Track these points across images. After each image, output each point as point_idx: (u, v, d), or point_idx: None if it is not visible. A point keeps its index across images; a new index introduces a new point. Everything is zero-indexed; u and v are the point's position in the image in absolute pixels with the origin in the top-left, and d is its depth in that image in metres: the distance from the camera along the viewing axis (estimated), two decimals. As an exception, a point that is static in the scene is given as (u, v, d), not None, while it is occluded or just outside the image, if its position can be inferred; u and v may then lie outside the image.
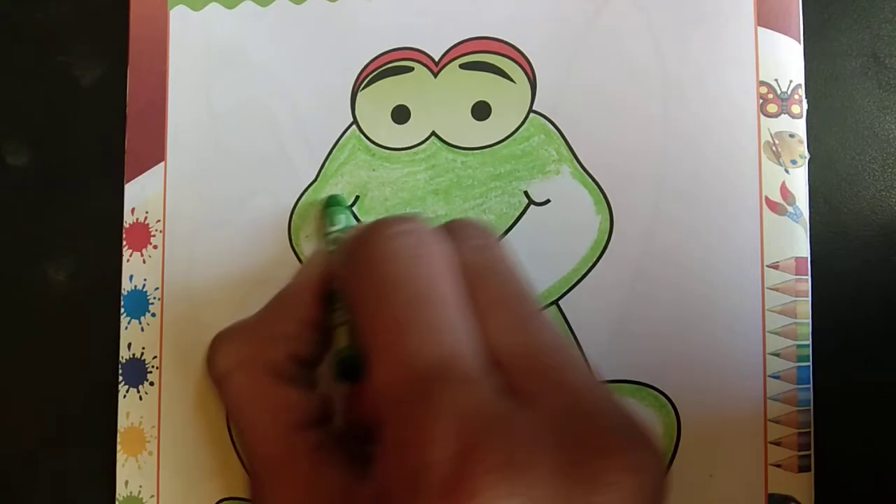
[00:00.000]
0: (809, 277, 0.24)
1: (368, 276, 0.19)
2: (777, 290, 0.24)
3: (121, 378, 0.27)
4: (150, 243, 0.28)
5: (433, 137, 0.26)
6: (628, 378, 0.24)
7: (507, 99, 0.26)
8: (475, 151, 0.26)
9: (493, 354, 0.18)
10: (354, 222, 0.26)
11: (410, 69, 0.26)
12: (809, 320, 0.24)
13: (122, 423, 0.27)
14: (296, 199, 0.27)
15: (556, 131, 0.25)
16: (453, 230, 0.20)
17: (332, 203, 0.26)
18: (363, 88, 0.27)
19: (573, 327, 0.25)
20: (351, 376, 0.22)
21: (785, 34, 0.24)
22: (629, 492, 0.15)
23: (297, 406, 0.20)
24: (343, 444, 0.20)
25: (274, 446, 0.20)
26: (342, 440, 0.21)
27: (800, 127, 0.24)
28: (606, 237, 0.25)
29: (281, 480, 0.19)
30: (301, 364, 0.21)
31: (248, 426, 0.20)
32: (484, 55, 0.26)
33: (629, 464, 0.16)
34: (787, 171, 0.24)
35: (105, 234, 0.28)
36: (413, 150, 0.26)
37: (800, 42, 0.24)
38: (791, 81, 0.24)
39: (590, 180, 0.25)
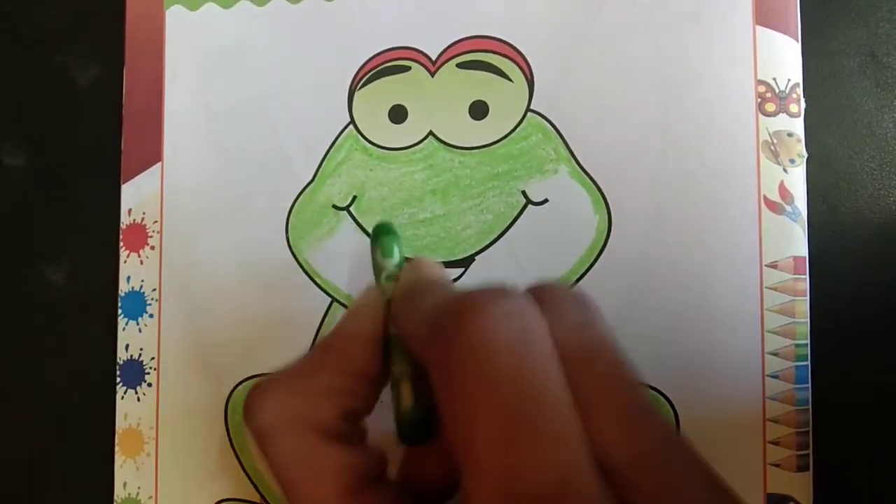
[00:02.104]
0: (808, 276, 0.24)
1: (464, 367, 0.15)
2: (776, 289, 0.24)
3: (119, 379, 0.27)
4: (148, 244, 0.28)
5: (430, 137, 0.26)
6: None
7: (505, 98, 0.26)
8: (473, 151, 0.26)
9: (605, 461, 0.15)
10: (404, 253, 0.22)
11: (408, 68, 0.26)
12: (808, 319, 0.24)
13: (121, 424, 0.27)
14: (293, 199, 0.27)
15: (553, 131, 0.25)
16: (545, 300, 0.17)
17: (383, 232, 0.22)
18: (360, 88, 0.27)
19: (571, 327, 0.25)
20: (417, 440, 0.19)
21: (783, 33, 0.24)
22: None
23: (351, 468, 0.18)
24: (401, 500, 0.19)
25: None
26: (399, 496, 0.19)
27: (798, 126, 0.24)
28: (604, 237, 0.25)
29: None
30: (353, 420, 0.19)
31: (300, 491, 0.18)
32: (481, 54, 0.26)
33: None
34: (785, 171, 0.24)
35: (102, 234, 0.28)
36: (410, 149, 0.26)
37: (798, 41, 0.24)
38: (789, 80, 0.24)
39: (588, 180, 0.25)
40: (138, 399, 0.27)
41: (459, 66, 0.26)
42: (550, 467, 0.15)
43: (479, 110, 0.26)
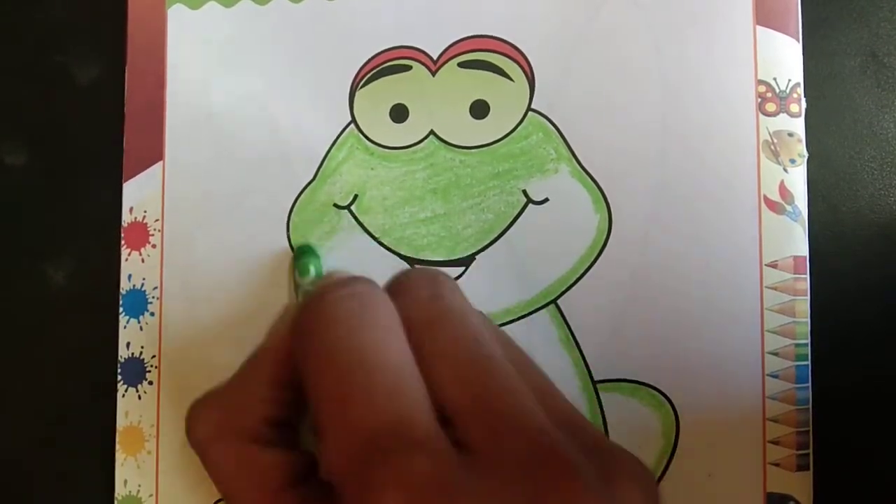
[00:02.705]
0: (808, 276, 0.24)
1: (312, 343, 0.18)
2: (776, 288, 0.24)
3: (119, 377, 0.27)
4: (149, 242, 0.28)
5: (431, 136, 0.26)
6: (627, 377, 0.24)
7: (506, 97, 0.26)
8: (474, 150, 0.26)
9: (443, 409, 0.17)
10: (321, 273, 0.25)
11: (409, 68, 0.26)
12: (808, 319, 0.24)
13: (121, 422, 0.27)
14: (294, 199, 0.27)
15: (554, 130, 0.25)
16: (401, 285, 0.20)
17: (302, 253, 0.25)
18: (361, 87, 0.27)
19: (571, 326, 0.25)
20: None
21: (784, 33, 0.24)
22: None
23: (276, 468, 0.20)
24: (331, 497, 0.20)
25: None
26: (326, 497, 0.20)
27: (798, 126, 0.24)
28: (605, 236, 0.25)
29: None
30: (279, 425, 0.21)
31: (231, 494, 0.20)
32: (482, 54, 0.26)
33: (588, 490, 0.15)
34: (785, 170, 0.24)
35: (103, 233, 0.28)
36: (411, 148, 0.26)
37: (798, 41, 0.24)
38: (790, 80, 0.24)
39: (588, 179, 0.25)
40: (139, 397, 0.27)
41: (460, 65, 0.26)
42: (379, 416, 0.16)
43: (480, 109, 0.26)
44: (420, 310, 0.19)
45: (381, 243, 0.26)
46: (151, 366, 0.27)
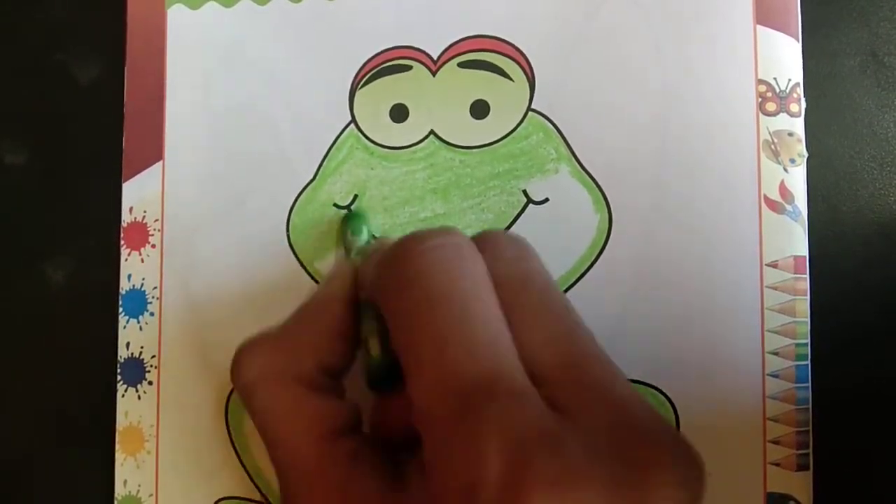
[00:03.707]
0: (808, 276, 0.24)
1: (406, 292, 0.18)
2: (776, 288, 0.24)
3: (119, 377, 0.27)
4: (149, 242, 0.28)
5: (432, 136, 0.26)
6: (627, 377, 0.24)
7: (506, 97, 0.26)
8: (474, 150, 0.26)
9: (533, 370, 0.17)
10: (375, 235, 0.26)
11: (409, 68, 0.26)
12: (808, 319, 0.24)
13: (121, 422, 0.27)
14: (294, 198, 0.27)
15: (554, 130, 0.25)
16: (486, 242, 0.20)
17: (353, 214, 0.26)
18: (361, 87, 0.27)
19: (572, 326, 0.25)
20: (383, 386, 0.21)
21: (784, 32, 0.24)
22: None
23: (329, 415, 0.20)
24: (377, 452, 0.20)
25: (308, 457, 0.19)
26: (376, 448, 0.20)
27: (798, 125, 0.24)
28: (605, 236, 0.25)
29: (317, 491, 0.19)
30: (330, 374, 0.21)
31: (281, 438, 0.20)
32: (482, 53, 0.26)
33: (679, 479, 0.16)
34: (785, 170, 0.24)
35: (103, 233, 0.28)
36: (412, 148, 0.26)
37: (798, 40, 0.24)
38: (790, 80, 0.24)
39: (588, 179, 0.25)
40: (139, 397, 0.27)
41: (461, 65, 0.26)
42: (480, 364, 0.17)
43: (480, 109, 0.26)
44: (510, 268, 0.19)
45: (381, 243, 0.26)
46: (151, 366, 0.27)
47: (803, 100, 0.24)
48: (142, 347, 0.27)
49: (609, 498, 0.15)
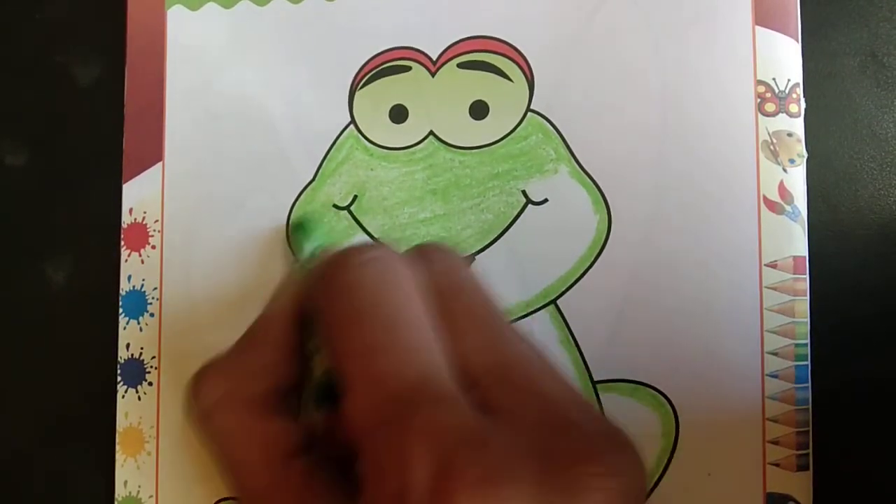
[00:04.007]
0: (808, 276, 0.24)
1: (338, 303, 0.19)
2: (775, 289, 0.24)
3: (119, 378, 0.27)
4: (149, 243, 0.28)
5: (431, 137, 0.26)
6: (626, 377, 0.24)
7: (505, 98, 0.26)
8: (473, 151, 0.26)
9: (467, 373, 0.18)
10: (322, 245, 0.26)
11: (408, 68, 0.26)
12: (808, 319, 0.24)
13: (121, 423, 0.27)
14: (294, 199, 0.27)
15: (553, 130, 0.25)
16: (422, 254, 0.21)
17: (300, 226, 0.26)
18: (361, 88, 0.27)
19: (571, 326, 0.25)
20: (330, 403, 0.21)
21: (783, 33, 0.24)
22: (609, 495, 0.15)
23: (282, 436, 0.20)
24: (329, 470, 0.20)
25: (263, 478, 0.20)
26: (328, 466, 0.20)
27: (798, 126, 0.24)
28: (604, 236, 0.25)
29: None
30: (282, 393, 0.21)
31: (236, 461, 0.20)
32: (482, 54, 0.26)
33: (608, 469, 0.16)
34: (785, 171, 0.24)
35: (103, 234, 0.28)
36: (411, 149, 0.26)
37: (798, 41, 0.24)
38: (789, 80, 0.24)
39: (588, 179, 0.25)
40: (139, 398, 0.27)
41: (460, 66, 0.26)
42: (407, 371, 0.17)
43: (479, 110, 0.26)
44: (443, 277, 0.20)
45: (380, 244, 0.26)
46: (151, 367, 0.27)
47: (802, 100, 0.24)
48: (142, 348, 0.27)
49: (537, 494, 0.15)
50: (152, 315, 0.27)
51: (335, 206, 0.26)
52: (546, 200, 0.25)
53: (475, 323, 0.19)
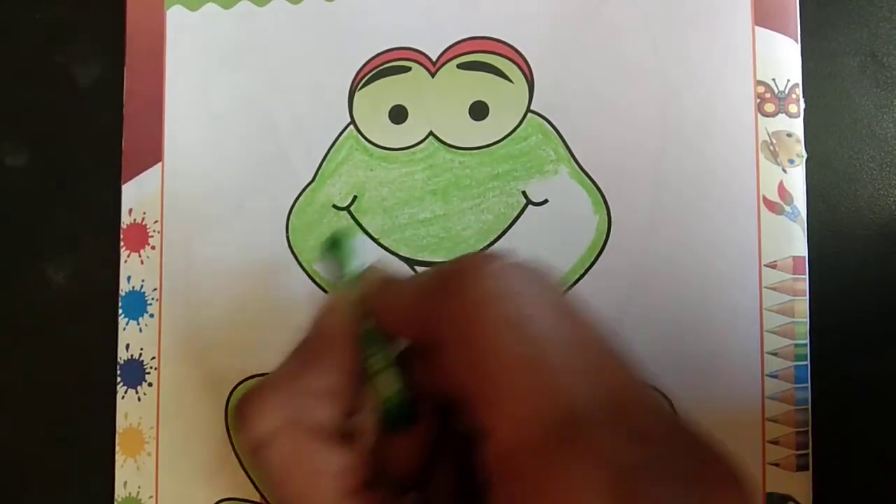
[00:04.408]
0: (807, 276, 0.24)
1: (478, 315, 0.17)
2: (775, 289, 0.24)
3: (119, 379, 0.27)
4: (148, 244, 0.28)
5: (431, 137, 0.26)
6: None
7: (505, 99, 0.26)
8: (473, 151, 0.26)
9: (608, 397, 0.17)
10: (364, 258, 0.24)
11: (408, 69, 0.26)
12: (807, 319, 0.24)
13: (121, 423, 0.27)
14: (293, 199, 0.27)
15: (553, 131, 0.25)
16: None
17: (336, 243, 0.24)
18: (361, 88, 0.27)
19: (571, 327, 0.25)
20: (402, 426, 0.20)
21: (782, 33, 0.24)
22: None
23: (351, 469, 0.18)
24: (400, 498, 0.19)
25: None
26: (395, 490, 0.19)
27: (797, 126, 0.24)
28: (604, 237, 0.25)
29: None
30: (349, 417, 0.19)
31: (302, 496, 0.18)
32: (481, 55, 0.26)
33: (741, 490, 0.16)
34: (784, 171, 0.24)
35: (103, 234, 0.28)
36: (411, 149, 0.26)
37: (797, 41, 0.24)
38: (788, 81, 0.24)
39: (587, 180, 0.25)
40: (139, 399, 0.27)
41: (460, 66, 0.26)
42: (566, 389, 0.16)
43: (479, 111, 0.26)
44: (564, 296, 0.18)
45: (380, 244, 0.26)
46: (151, 367, 0.27)
47: (802, 101, 0.24)
48: (141, 349, 0.27)
49: None
50: (152, 316, 0.27)
51: (335, 206, 0.26)
52: (546, 201, 0.25)
53: (599, 346, 0.18)
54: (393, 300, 0.20)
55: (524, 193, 0.25)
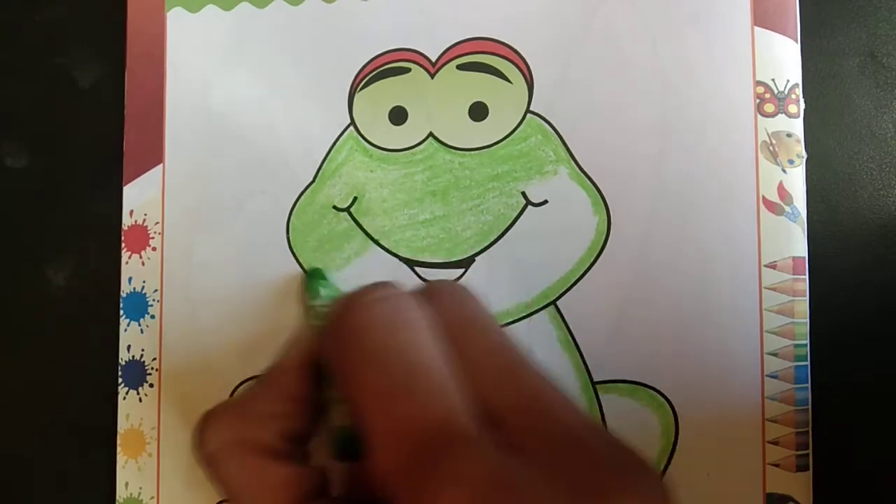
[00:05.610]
0: (807, 277, 0.24)
1: (348, 348, 0.18)
2: (775, 289, 0.24)
3: (120, 380, 0.27)
4: (149, 245, 0.28)
5: (431, 138, 0.26)
6: (626, 378, 0.24)
7: (505, 99, 0.26)
8: (473, 152, 0.26)
9: (488, 412, 0.18)
10: (337, 293, 0.25)
11: (408, 70, 0.26)
12: (807, 320, 0.24)
13: (122, 424, 0.27)
14: (294, 201, 0.27)
15: (553, 132, 0.25)
16: (430, 292, 0.20)
17: (312, 276, 0.26)
18: (360, 89, 0.27)
19: (571, 328, 0.25)
20: (350, 454, 0.21)
21: (782, 33, 0.24)
22: None
23: (293, 483, 0.20)
24: None
25: None
26: None
27: (797, 126, 0.24)
28: (604, 238, 0.25)
29: None
30: (293, 441, 0.21)
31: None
32: (481, 56, 0.26)
33: (640, 497, 0.16)
34: (784, 171, 0.24)
35: (104, 236, 0.28)
36: (411, 150, 0.26)
37: (797, 41, 0.24)
38: (788, 81, 0.24)
39: (587, 181, 0.25)
40: (140, 400, 0.27)
41: (459, 67, 0.26)
42: (426, 415, 0.17)
43: (478, 112, 0.26)
44: (451, 313, 0.20)
45: (380, 245, 0.26)
46: (152, 368, 0.27)
47: (802, 101, 0.24)
48: (143, 350, 0.27)
49: None
50: (153, 317, 0.27)
51: (335, 207, 0.27)
52: (546, 202, 0.25)
53: (491, 359, 0.19)
54: (321, 332, 0.21)
55: (524, 194, 0.25)
